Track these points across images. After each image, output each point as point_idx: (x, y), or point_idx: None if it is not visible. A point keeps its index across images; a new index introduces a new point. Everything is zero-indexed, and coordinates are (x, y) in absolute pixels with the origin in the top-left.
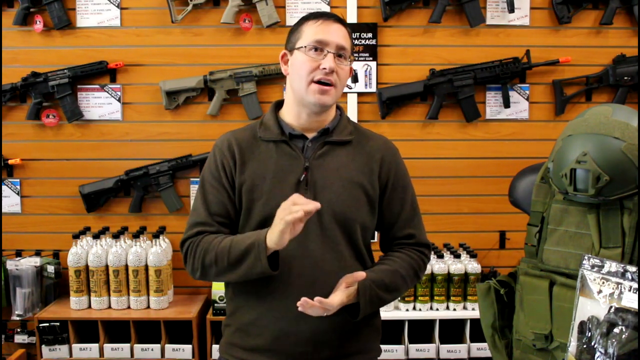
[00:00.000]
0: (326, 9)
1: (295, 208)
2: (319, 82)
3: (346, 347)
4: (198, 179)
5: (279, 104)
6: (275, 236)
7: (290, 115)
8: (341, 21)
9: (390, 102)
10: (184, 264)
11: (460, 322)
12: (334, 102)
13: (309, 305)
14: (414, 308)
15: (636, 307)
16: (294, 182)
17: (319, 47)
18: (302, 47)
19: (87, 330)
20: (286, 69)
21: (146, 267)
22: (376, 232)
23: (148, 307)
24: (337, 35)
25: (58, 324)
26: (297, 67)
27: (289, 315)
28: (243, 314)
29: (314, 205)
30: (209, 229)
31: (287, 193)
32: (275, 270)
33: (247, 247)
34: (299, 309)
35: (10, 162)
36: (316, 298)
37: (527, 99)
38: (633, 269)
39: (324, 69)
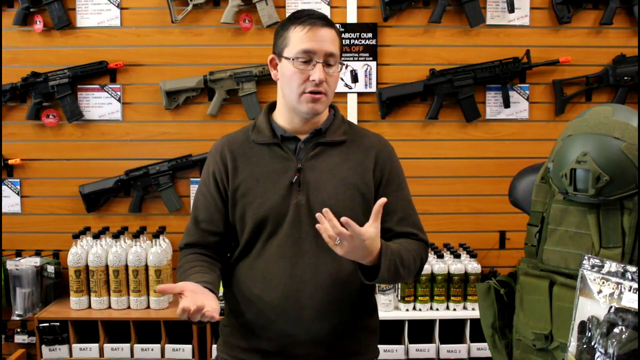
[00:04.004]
0: (326, 9)
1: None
2: (310, 92)
3: (343, 348)
4: (198, 179)
5: (272, 106)
6: None
7: (283, 118)
8: (329, 23)
9: (390, 102)
10: None
11: (460, 322)
12: (326, 108)
13: (347, 225)
14: (414, 308)
15: (636, 307)
16: (287, 184)
17: (307, 58)
18: (290, 57)
19: (87, 330)
20: (275, 73)
21: (146, 267)
22: None
23: (148, 307)
24: (325, 42)
25: (58, 324)
26: (287, 77)
27: (285, 316)
28: (240, 314)
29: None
30: (192, 239)
31: (280, 195)
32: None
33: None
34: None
35: (10, 162)
36: (344, 219)
37: (527, 99)
38: (633, 269)
39: (314, 80)
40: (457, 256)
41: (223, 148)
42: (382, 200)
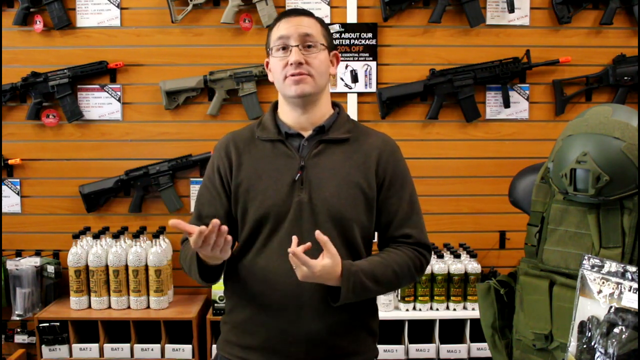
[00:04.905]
0: (326, 9)
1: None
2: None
3: (340, 347)
4: (198, 179)
5: (278, 104)
6: (205, 258)
7: (285, 115)
8: (304, 13)
9: (390, 102)
10: None
11: (460, 322)
12: (316, 91)
13: (295, 255)
14: (414, 308)
15: (636, 307)
16: (290, 182)
17: (283, 44)
18: (271, 49)
19: (87, 330)
20: (272, 75)
21: (146, 267)
22: (376, 233)
23: (148, 307)
24: (298, 26)
25: (58, 324)
26: (272, 70)
27: (284, 315)
28: (239, 312)
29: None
30: None
31: (282, 192)
32: (209, 283)
33: (191, 259)
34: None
35: (10, 162)
36: (299, 251)
37: (527, 99)
38: (633, 269)
39: (291, 64)
40: (457, 256)
41: (228, 143)
42: (323, 238)
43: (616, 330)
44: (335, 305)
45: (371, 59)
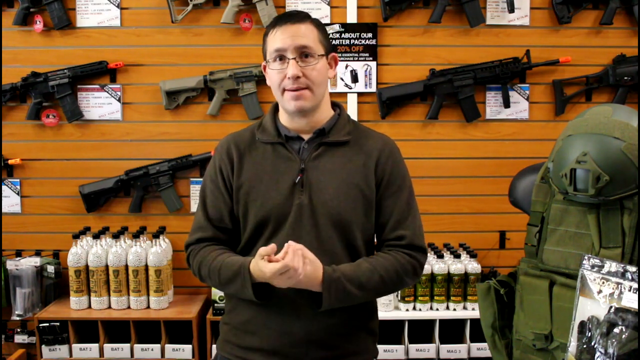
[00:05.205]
0: (326, 9)
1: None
2: (290, 89)
3: (340, 348)
4: (198, 179)
5: (278, 106)
6: (261, 278)
7: (284, 118)
8: (301, 19)
9: (390, 102)
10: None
11: (460, 322)
12: (315, 103)
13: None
14: (414, 308)
15: (636, 307)
16: (290, 184)
17: (279, 56)
18: (268, 61)
19: (87, 330)
20: (269, 80)
21: (146, 267)
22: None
23: (148, 307)
24: (294, 37)
25: (58, 324)
26: (269, 80)
27: (283, 315)
28: (239, 312)
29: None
30: (206, 234)
31: (282, 195)
32: (261, 300)
33: (235, 272)
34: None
35: (10, 162)
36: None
37: (527, 99)
38: (633, 269)
39: (289, 78)
40: (457, 256)
41: (230, 144)
42: (297, 246)
43: (616, 330)
44: (319, 311)
45: (371, 59)
